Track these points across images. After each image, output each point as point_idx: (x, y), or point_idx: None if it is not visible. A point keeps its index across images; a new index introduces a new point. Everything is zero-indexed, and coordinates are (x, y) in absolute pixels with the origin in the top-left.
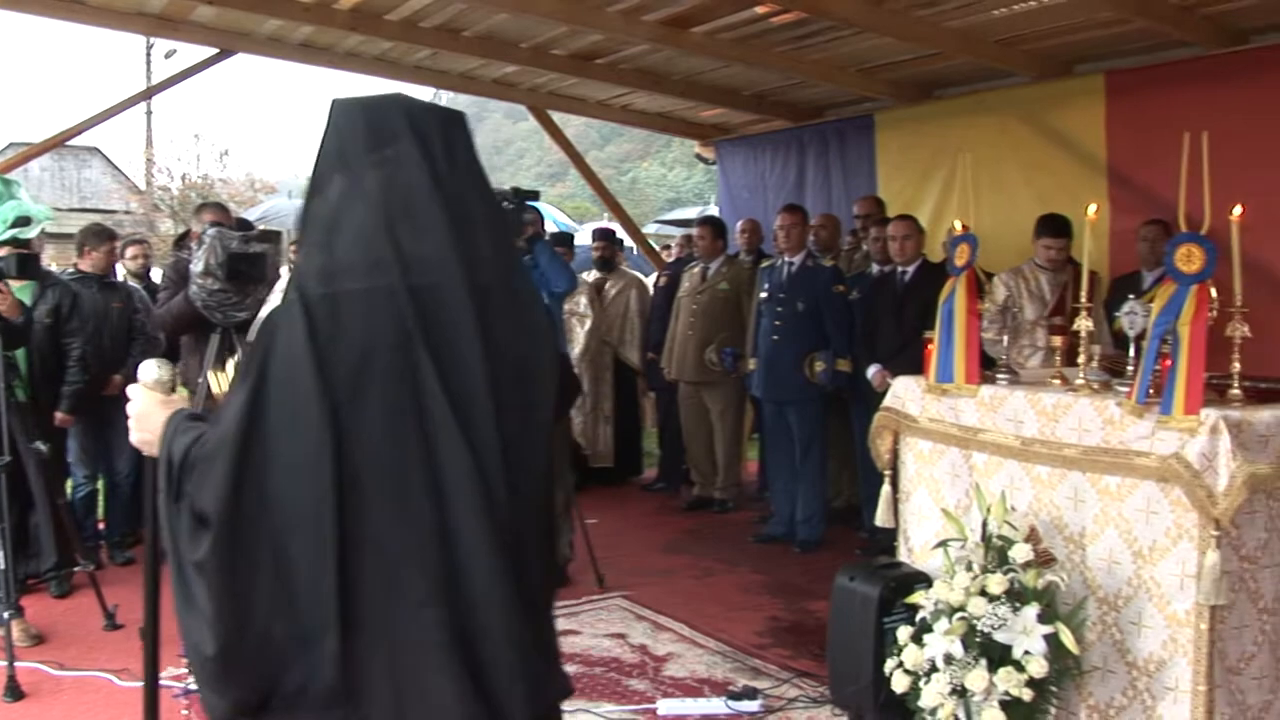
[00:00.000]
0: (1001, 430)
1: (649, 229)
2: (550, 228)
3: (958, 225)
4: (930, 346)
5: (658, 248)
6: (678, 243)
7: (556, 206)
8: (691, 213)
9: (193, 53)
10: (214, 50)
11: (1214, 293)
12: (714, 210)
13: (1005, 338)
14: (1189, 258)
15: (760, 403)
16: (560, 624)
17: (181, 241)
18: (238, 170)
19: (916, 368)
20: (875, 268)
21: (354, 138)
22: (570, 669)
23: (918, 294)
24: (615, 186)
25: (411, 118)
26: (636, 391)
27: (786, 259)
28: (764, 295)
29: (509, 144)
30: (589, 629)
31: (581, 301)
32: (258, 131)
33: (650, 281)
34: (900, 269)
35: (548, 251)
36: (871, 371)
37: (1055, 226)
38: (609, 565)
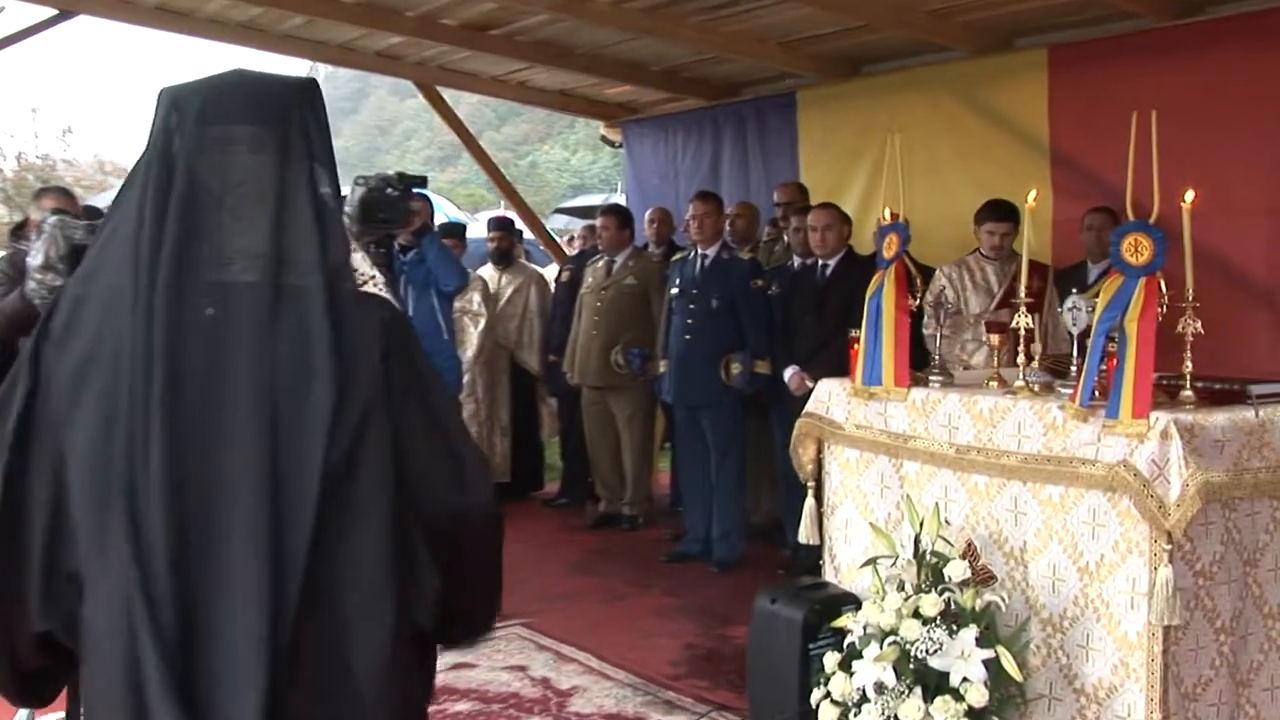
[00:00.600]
0: (934, 437)
1: (550, 219)
2: (440, 219)
3: (886, 214)
4: (856, 346)
5: (559, 239)
6: (581, 234)
7: (447, 195)
8: (596, 200)
9: (26, 12)
10: (52, 10)
11: (1164, 286)
12: (620, 198)
13: (942, 333)
14: (1136, 248)
15: (671, 408)
16: (450, 656)
17: (18, 231)
18: (84, 151)
19: (839, 369)
20: (796, 260)
21: (154, 124)
22: (463, 707)
23: (840, 289)
24: (512, 172)
25: (200, 98)
26: (535, 398)
27: (700, 251)
28: (675, 291)
29: (394, 124)
30: (485, 661)
31: (474, 299)
32: (107, 107)
33: (551, 276)
34: (822, 262)
35: (436, 245)
36: (789, 374)
37: (1001, 211)
38: (507, 590)
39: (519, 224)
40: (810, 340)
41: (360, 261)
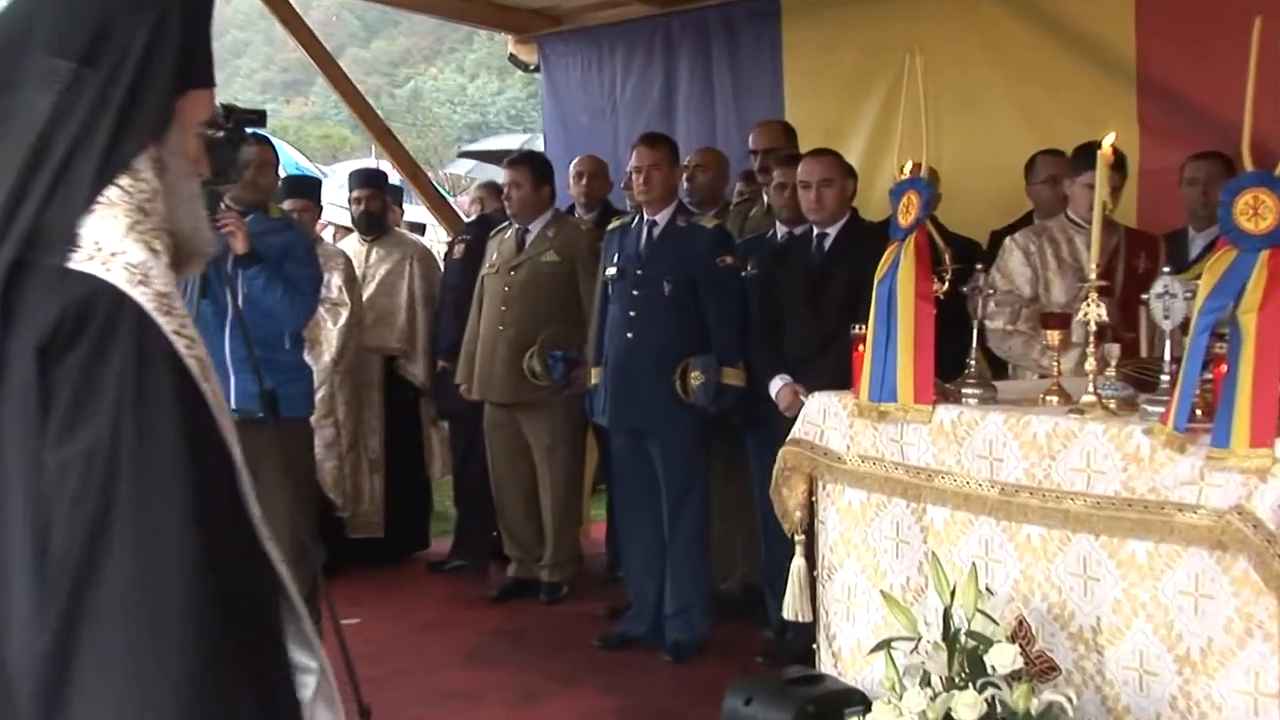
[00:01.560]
0: (970, 473)
1: (446, 166)
2: (283, 171)
3: (904, 165)
4: (861, 347)
5: (452, 199)
6: (479, 193)
7: (294, 137)
8: (505, 144)
9: None
10: None
11: None
12: (537, 144)
13: (1018, 327)
14: (1256, 209)
15: (608, 434)
16: None
17: None
18: None
19: (840, 379)
20: (780, 229)
21: None
22: None
23: (842, 268)
24: (386, 104)
25: None
26: (419, 420)
27: (646, 216)
28: (613, 271)
29: (220, 36)
30: None
31: (333, 283)
32: None
33: (440, 252)
34: (817, 231)
35: (267, 274)
36: (776, 386)
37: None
38: (379, 688)
39: (394, 178)
40: (804, 339)
41: (111, 229)
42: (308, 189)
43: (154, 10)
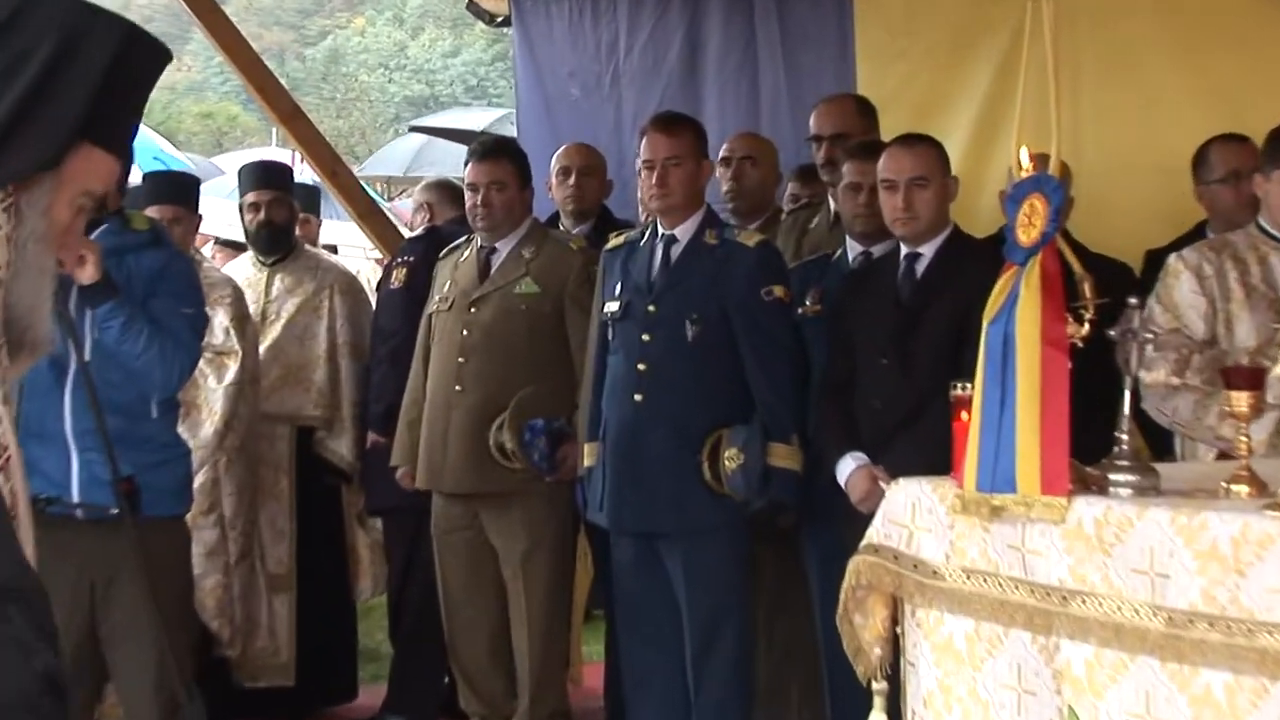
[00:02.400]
0: (1124, 594)
1: (370, 168)
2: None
3: (1023, 157)
4: (966, 414)
5: (387, 205)
6: (423, 195)
7: (158, 125)
8: (461, 122)
9: None
10: None
11: None
12: (509, 128)
13: (1188, 381)
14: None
15: (608, 538)
16: None
17: None
18: None
19: (939, 460)
20: (853, 248)
21: None
22: None
23: (943, 302)
24: (294, 71)
25: None
26: (342, 519)
27: (663, 231)
28: (615, 307)
29: None
30: None
31: (218, 324)
32: None
33: (372, 280)
34: (907, 250)
35: (125, 313)
36: (846, 470)
37: None
38: None
39: (307, 176)
40: (882, 402)
41: None
42: (180, 190)
43: (73, 27)
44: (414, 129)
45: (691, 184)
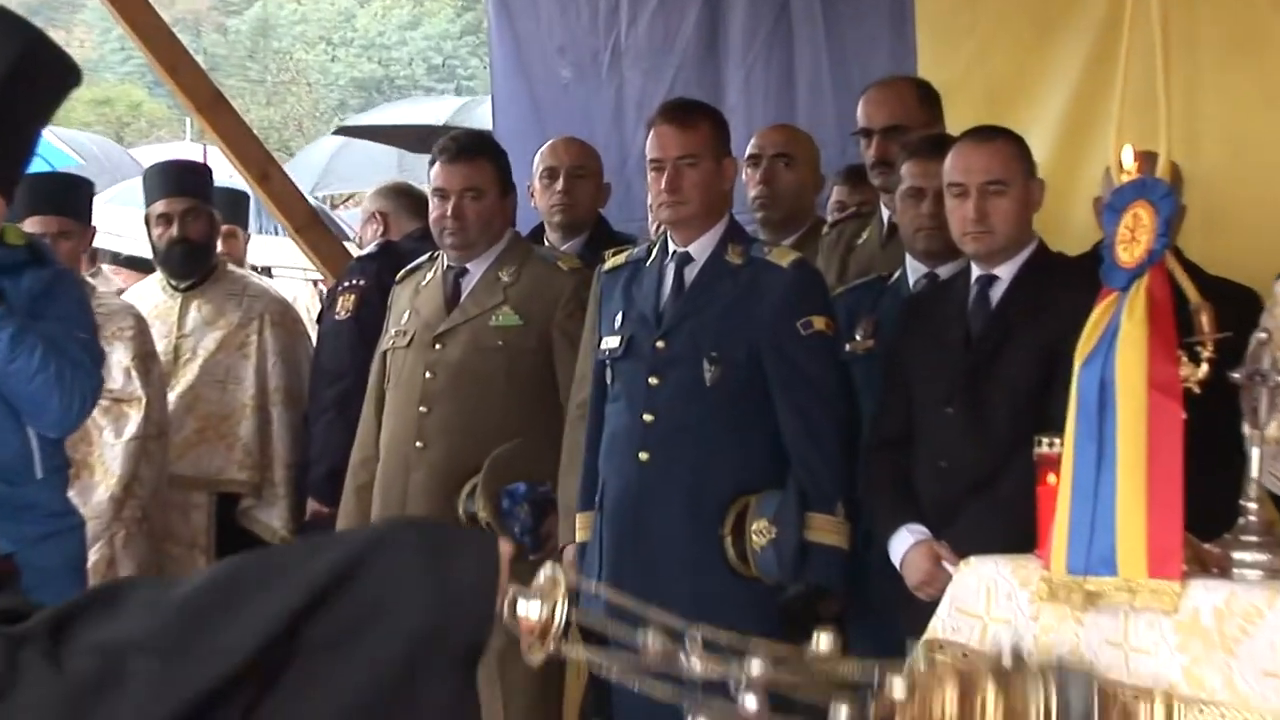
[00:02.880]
0: (1251, 701)
1: (306, 168)
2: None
3: (1125, 156)
4: (1054, 477)
5: (328, 212)
6: (374, 204)
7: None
8: (413, 114)
9: None
10: None
11: None
12: (479, 119)
13: None
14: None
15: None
16: None
17: None
18: None
19: (1019, 534)
20: (914, 268)
21: None
22: None
23: (1025, 337)
24: (214, 46)
25: None
26: None
27: (675, 248)
28: (615, 343)
29: None
30: None
31: (116, 362)
32: None
33: (311, 310)
34: (979, 272)
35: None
36: (903, 545)
37: None
38: None
39: (231, 178)
40: (948, 462)
41: None
42: (67, 197)
43: None
44: (342, 130)
45: (710, 188)
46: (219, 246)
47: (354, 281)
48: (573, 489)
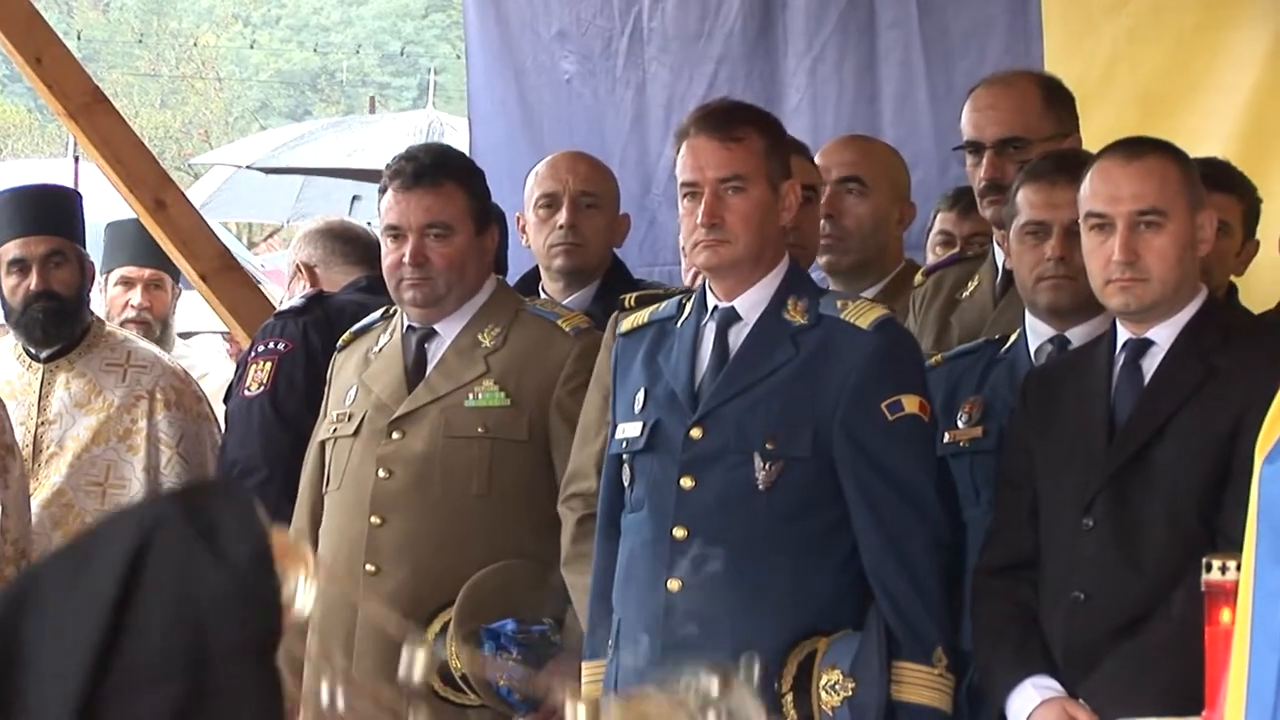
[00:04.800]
0: None
1: (215, 197)
2: None
3: None
4: (1228, 611)
5: (251, 258)
6: (306, 247)
7: None
8: (374, 137)
9: None
10: None
11: None
12: (454, 134)
13: None
14: None
15: None
16: None
17: None
18: None
19: (1187, 688)
20: (1038, 332)
21: None
22: None
23: (1189, 423)
24: (92, 30)
25: None
26: None
27: (716, 299)
28: (633, 430)
29: None
30: None
31: None
32: None
33: (219, 385)
34: (1128, 335)
35: None
36: (1028, 703)
37: None
38: None
39: (114, 208)
40: (1089, 594)
41: None
42: None
43: None
44: (270, 170)
45: (764, 222)
46: (111, 302)
47: (270, 345)
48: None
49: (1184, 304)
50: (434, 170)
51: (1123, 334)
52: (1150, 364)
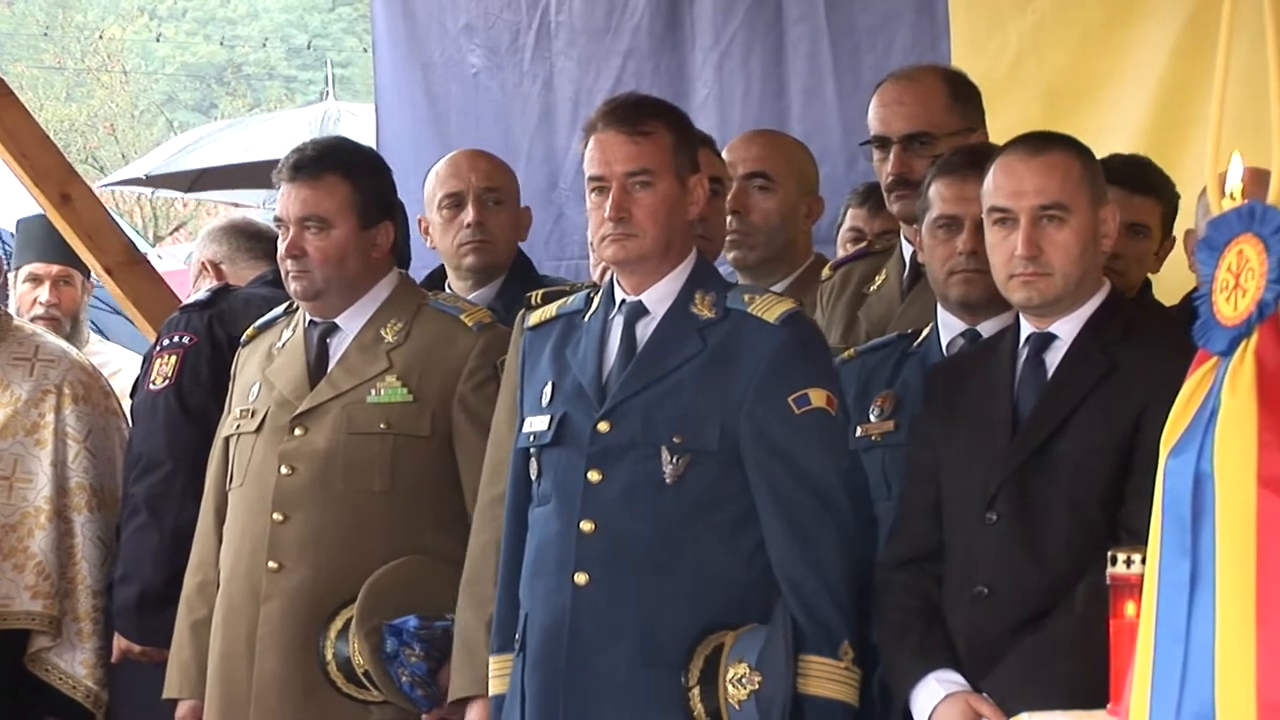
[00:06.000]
0: None
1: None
2: None
3: (1232, 174)
4: (1132, 604)
5: (153, 252)
6: (212, 245)
7: None
8: (273, 137)
9: None
10: None
11: None
12: (354, 119)
13: None
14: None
15: None
16: None
17: None
18: None
19: (1090, 680)
20: (949, 326)
21: None
22: None
23: (1092, 417)
24: None
25: None
26: None
27: (623, 293)
28: (539, 424)
29: None
30: None
31: None
32: None
33: (125, 382)
34: (1031, 330)
35: None
36: (932, 698)
37: None
38: None
39: (9, 206)
40: (993, 588)
41: None
42: None
43: None
44: (154, 182)
45: (671, 216)
46: (34, 298)
47: (174, 339)
48: (473, 616)
49: (1086, 298)
50: (314, 163)
51: (1026, 328)
52: (1053, 358)
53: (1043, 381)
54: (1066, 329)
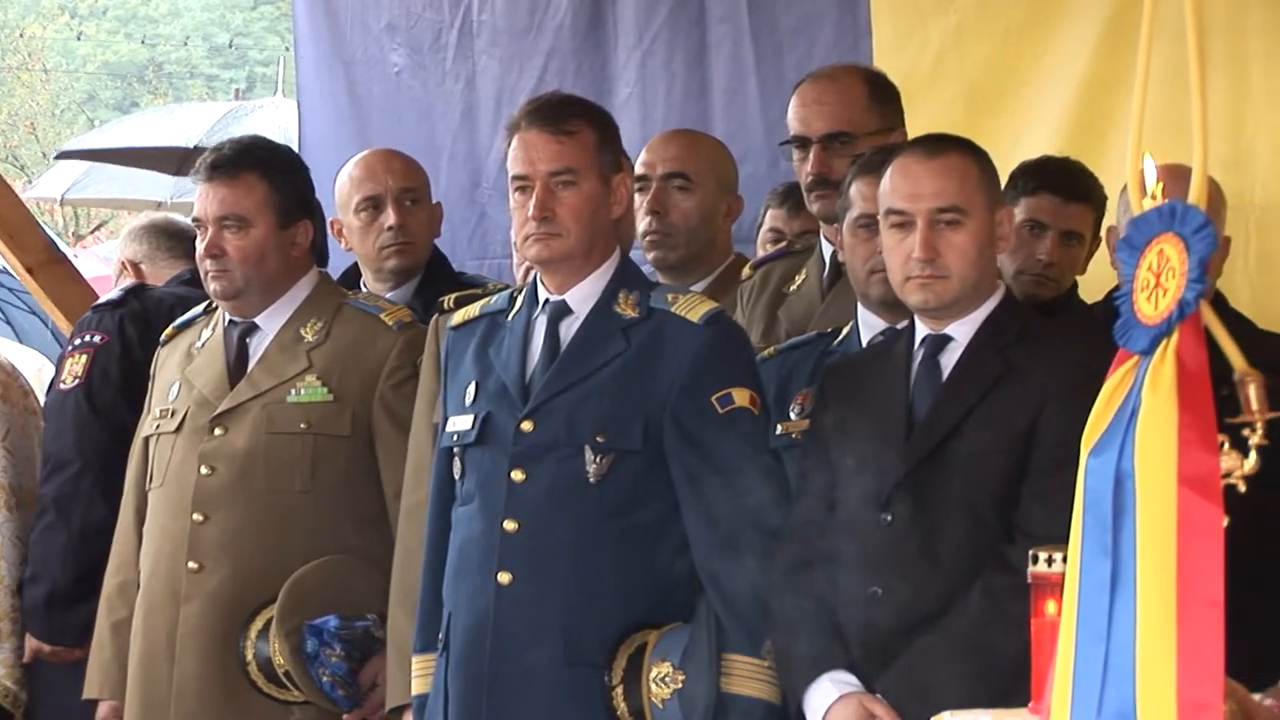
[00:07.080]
0: None
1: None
2: None
3: (1147, 173)
4: (1053, 603)
5: (72, 254)
6: (133, 244)
7: None
8: (169, 129)
9: None
10: None
11: None
12: (264, 111)
13: None
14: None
15: None
16: None
17: None
18: None
19: (984, 684)
20: (869, 325)
21: None
22: None
23: (986, 418)
24: None
25: None
26: None
27: (547, 293)
28: (465, 425)
29: None
30: None
31: None
32: None
33: (41, 382)
34: (927, 332)
35: None
36: (825, 699)
37: None
38: None
39: None
40: (889, 592)
41: None
42: None
43: None
44: (64, 155)
45: (594, 216)
46: None
47: (85, 338)
48: (406, 622)
49: (982, 301)
50: (231, 162)
51: (921, 330)
52: (948, 360)
53: (938, 383)
54: (962, 331)
